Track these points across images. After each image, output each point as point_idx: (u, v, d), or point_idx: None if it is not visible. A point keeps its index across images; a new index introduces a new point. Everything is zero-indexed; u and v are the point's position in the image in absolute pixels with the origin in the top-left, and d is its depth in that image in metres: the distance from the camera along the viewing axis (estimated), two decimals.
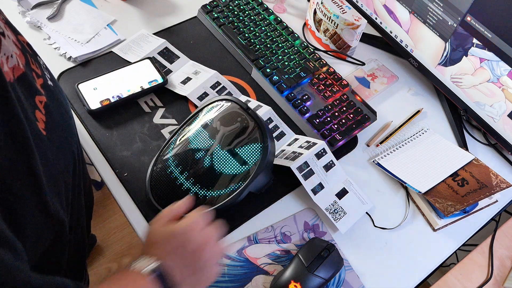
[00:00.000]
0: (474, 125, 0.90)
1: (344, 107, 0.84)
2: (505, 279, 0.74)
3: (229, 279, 0.66)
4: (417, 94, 0.94)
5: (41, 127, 0.45)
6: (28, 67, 0.46)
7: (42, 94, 0.47)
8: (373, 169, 0.81)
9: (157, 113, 0.82)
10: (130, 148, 0.77)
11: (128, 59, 0.89)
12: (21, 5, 0.93)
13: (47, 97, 0.48)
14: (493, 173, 0.78)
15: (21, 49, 0.46)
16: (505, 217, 0.84)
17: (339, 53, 0.97)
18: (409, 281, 0.71)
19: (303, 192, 0.74)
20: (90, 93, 0.81)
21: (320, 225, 0.73)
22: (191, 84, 0.85)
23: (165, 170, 0.72)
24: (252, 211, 0.73)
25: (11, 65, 0.41)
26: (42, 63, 0.53)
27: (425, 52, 0.88)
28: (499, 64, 0.74)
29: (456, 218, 0.76)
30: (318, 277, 0.64)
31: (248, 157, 0.69)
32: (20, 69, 0.43)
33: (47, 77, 0.51)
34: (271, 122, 0.80)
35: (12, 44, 0.43)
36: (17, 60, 0.43)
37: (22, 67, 0.44)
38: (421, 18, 0.85)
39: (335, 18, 0.90)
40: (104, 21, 0.94)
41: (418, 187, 0.76)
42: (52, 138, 0.48)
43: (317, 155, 0.74)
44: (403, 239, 0.74)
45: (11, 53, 0.42)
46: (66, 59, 0.88)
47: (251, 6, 0.98)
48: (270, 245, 0.71)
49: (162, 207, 0.70)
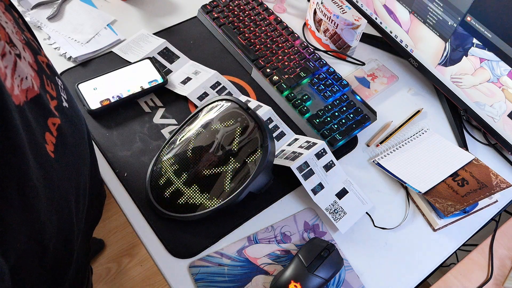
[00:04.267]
0: (474, 125, 0.90)
1: (344, 107, 0.84)
2: (505, 279, 0.74)
3: (229, 279, 0.66)
4: (417, 94, 0.94)
5: (49, 150, 0.45)
6: (43, 89, 0.45)
7: (56, 116, 0.47)
8: (373, 169, 0.81)
9: (157, 113, 0.82)
10: (130, 148, 0.77)
11: (128, 59, 0.89)
12: (21, 5, 0.93)
13: (61, 119, 0.48)
14: (493, 173, 0.78)
15: (37, 70, 0.45)
16: (505, 217, 0.85)
17: (339, 53, 0.97)
18: (409, 281, 0.71)
19: (303, 192, 0.74)
20: (90, 93, 0.81)
21: (320, 225, 0.73)
22: (191, 84, 0.85)
23: (165, 170, 0.72)
24: (252, 211, 0.73)
25: (24, 87, 0.41)
26: (60, 84, 0.52)
27: (425, 52, 0.88)
28: (499, 64, 0.74)
29: (456, 218, 0.76)
30: (318, 277, 0.64)
31: (248, 157, 0.69)
32: (34, 91, 0.43)
33: (63, 99, 0.51)
34: (271, 122, 0.80)
35: (27, 66, 0.43)
36: (31, 82, 0.43)
37: (37, 89, 0.43)
38: (421, 18, 0.85)
39: (335, 18, 0.90)
40: (104, 21, 0.94)
41: (418, 187, 0.76)
42: (60, 160, 0.48)
43: (317, 155, 0.74)
44: (403, 239, 0.74)
45: (26, 75, 0.42)
46: (66, 59, 0.88)
47: (251, 6, 0.98)
48: (270, 245, 0.71)
49: (162, 207, 0.70)
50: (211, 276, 0.66)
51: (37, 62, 0.46)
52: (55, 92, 0.48)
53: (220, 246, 0.70)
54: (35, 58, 0.46)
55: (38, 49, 0.49)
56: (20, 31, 0.45)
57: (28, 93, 0.41)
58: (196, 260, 0.68)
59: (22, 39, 0.44)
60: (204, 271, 0.67)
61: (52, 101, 0.47)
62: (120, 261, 1.44)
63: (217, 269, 0.67)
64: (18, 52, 0.42)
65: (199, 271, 0.67)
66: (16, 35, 0.43)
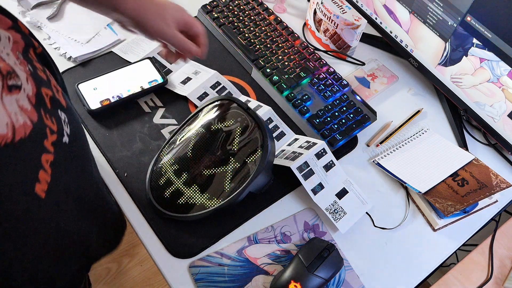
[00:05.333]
0: (474, 125, 0.90)
1: (344, 107, 0.84)
2: (505, 279, 0.74)
3: (229, 279, 0.66)
4: (417, 94, 0.94)
5: (40, 189, 0.43)
6: (40, 123, 0.42)
7: (50, 152, 0.44)
8: (373, 169, 0.81)
9: (157, 113, 0.82)
10: (130, 148, 0.77)
11: (128, 59, 0.89)
12: (21, 5, 0.93)
13: (56, 155, 0.45)
14: (493, 173, 0.78)
15: (35, 104, 0.43)
16: (505, 217, 0.84)
17: (339, 53, 0.97)
18: (409, 281, 0.71)
19: (303, 192, 0.74)
20: (90, 93, 0.81)
21: (320, 225, 0.73)
22: (191, 84, 0.85)
23: (165, 170, 0.72)
24: (252, 211, 0.73)
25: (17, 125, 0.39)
26: (64, 118, 0.48)
27: (425, 52, 0.88)
28: (499, 64, 0.74)
29: (456, 218, 0.76)
30: (318, 277, 0.64)
31: (248, 157, 0.69)
32: (28, 126, 0.40)
33: (64, 133, 0.47)
34: (271, 122, 0.80)
35: (25, 99, 0.41)
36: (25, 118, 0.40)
37: (30, 124, 0.41)
38: (421, 18, 0.85)
39: (335, 18, 0.90)
40: (104, 21, 0.94)
41: (418, 187, 0.76)
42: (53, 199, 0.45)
43: (317, 155, 0.74)
44: (403, 239, 0.74)
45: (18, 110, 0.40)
46: (66, 59, 0.88)
47: (251, 6, 0.98)
48: (270, 245, 0.71)
49: (162, 207, 0.70)
50: (211, 276, 0.66)
51: (38, 95, 0.43)
52: (55, 126, 0.46)
53: (220, 246, 0.70)
54: (37, 91, 0.44)
55: (48, 79, 0.47)
56: (26, 61, 0.44)
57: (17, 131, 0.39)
58: (196, 260, 0.68)
59: (27, 70, 0.43)
60: (204, 271, 0.67)
61: (51, 136, 0.44)
62: (120, 261, 1.44)
63: (217, 269, 0.67)
64: (20, 83, 0.40)
65: (199, 271, 0.67)
66: (20, 65, 0.42)
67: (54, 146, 0.45)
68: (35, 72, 0.45)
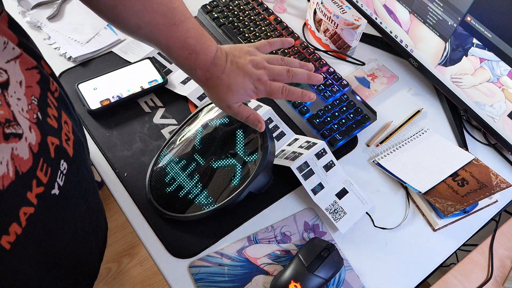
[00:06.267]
0: (474, 125, 0.90)
1: (344, 107, 0.84)
2: (505, 279, 0.74)
3: (229, 279, 0.66)
4: (417, 94, 0.94)
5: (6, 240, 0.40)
6: (28, 175, 0.41)
7: (33, 204, 0.42)
8: (373, 169, 0.81)
9: (157, 113, 0.82)
10: (130, 148, 0.77)
11: (128, 59, 0.89)
12: (21, 5, 0.93)
13: (38, 207, 0.43)
14: (493, 173, 0.78)
15: (36, 152, 0.41)
16: (505, 217, 0.84)
17: (339, 53, 0.97)
18: (409, 281, 0.71)
19: (303, 192, 0.74)
20: (90, 93, 0.81)
21: (320, 225, 0.73)
22: (191, 84, 0.85)
23: (165, 170, 0.72)
24: (252, 211, 0.73)
25: None
26: (64, 168, 0.47)
27: (425, 52, 0.88)
28: (499, 64, 0.74)
29: (456, 218, 0.76)
30: (318, 277, 0.64)
31: (248, 157, 0.69)
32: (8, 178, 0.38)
33: (55, 185, 0.45)
34: (271, 122, 0.80)
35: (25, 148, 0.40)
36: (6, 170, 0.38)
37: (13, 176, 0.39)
38: (421, 18, 0.85)
39: (335, 18, 0.90)
40: (104, 21, 0.94)
41: (418, 187, 0.76)
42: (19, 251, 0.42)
43: (317, 155, 0.74)
44: (403, 239, 0.74)
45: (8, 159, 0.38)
46: (66, 59, 0.88)
47: (251, 6, 0.98)
48: (270, 245, 0.71)
49: (162, 207, 0.70)
50: (211, 276, 0.66)
51: (42, 144, 0.42)
52: (47, 178, 0.44)
53: (220, 246, 0.70)
54: (42, 139, 0.42)
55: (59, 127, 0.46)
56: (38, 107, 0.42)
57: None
58: (196, 260, 0.68)
59: (32, 118, 0.41)
60: (204, 271, 0.67)
61: (37, 188, 0.43)
62: (120, 261, 1.44)
63: (217, 269, 0.67)
64: (21, 132, 0.39)
65: (199, 271, 0.67)
66: (26, 113, 0.41)
67: (39, 198, 0.43)
68: (44, 120, 0.43)
